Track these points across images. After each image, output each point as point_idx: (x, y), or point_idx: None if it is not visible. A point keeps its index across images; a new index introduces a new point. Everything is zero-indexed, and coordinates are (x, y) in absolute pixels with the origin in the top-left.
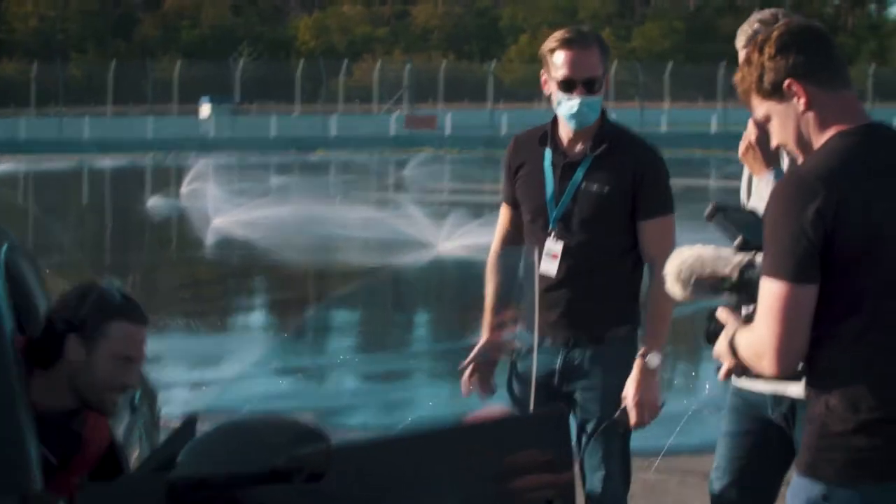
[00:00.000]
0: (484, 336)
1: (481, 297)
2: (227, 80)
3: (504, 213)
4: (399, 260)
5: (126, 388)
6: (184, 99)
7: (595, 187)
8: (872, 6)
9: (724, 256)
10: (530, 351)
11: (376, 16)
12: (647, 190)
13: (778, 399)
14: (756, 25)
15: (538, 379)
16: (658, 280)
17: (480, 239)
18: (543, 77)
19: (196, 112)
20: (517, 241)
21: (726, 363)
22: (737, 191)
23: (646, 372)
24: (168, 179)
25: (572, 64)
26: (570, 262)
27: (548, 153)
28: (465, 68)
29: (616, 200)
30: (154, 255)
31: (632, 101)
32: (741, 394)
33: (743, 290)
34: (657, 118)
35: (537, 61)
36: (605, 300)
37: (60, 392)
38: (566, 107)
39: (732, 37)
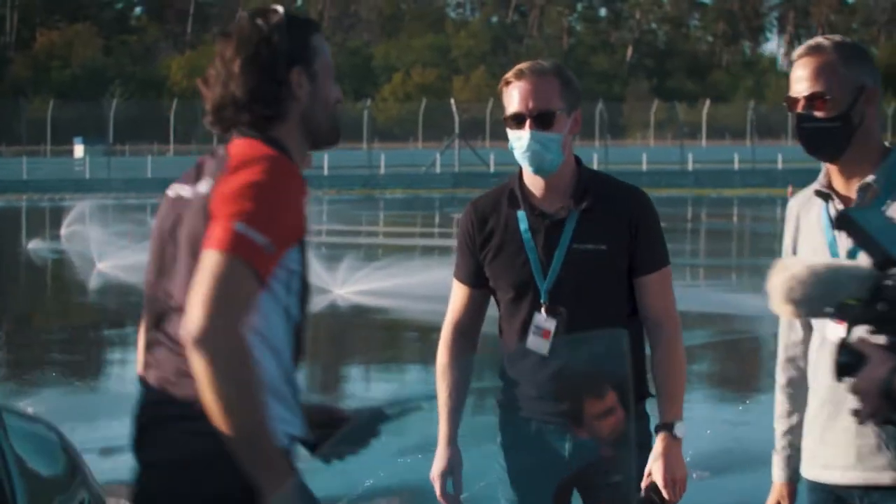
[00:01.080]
0: (442, 448)
1: (387, 346)
2: (100, 120)
3: (459, 293)
4: None
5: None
6: (57, 140)
7: (589, 247)
8: (746, 43)
9: (848, 271)
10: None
11: None
12: (646, 241)
13: (867, 490)
14: None
15: (547, 468)
16: (668, 338)
17: (379, 283)
18: (504, 121)
19: (70, 152)
20: (474, 327)
21: (871, 407)
22: None
23: (671, 444)
24: (45, 221)
25: (522, 95)
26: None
27: (522, 216)
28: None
29: (615, 259)
30: (38, 301)
31: (507, 140)
32: (824, 488)
33: (887, 318)
34: None
35: (411, 99)
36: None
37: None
38: (516, 146)
39: (607, 75)
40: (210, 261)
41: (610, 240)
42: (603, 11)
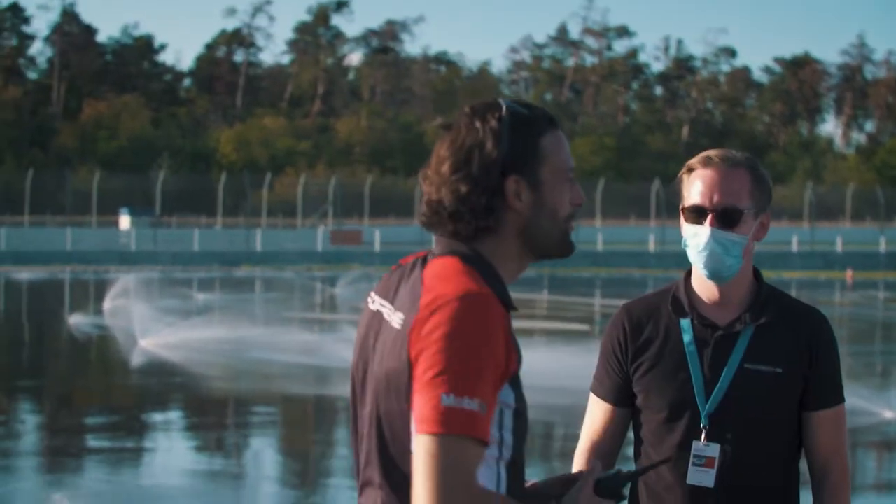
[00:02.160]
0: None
1: None
2: (147, 191)
3: (599, 412)
4: (339, 388)
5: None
6: (102, 210)
7: (763, 369)
8: (803, 124)
9: None
10: None
11: (298, 129)
12: (824, 370)
13: None
14: None
15: None
16: (835, 485)
17: None
18: (680, 214)
19: (115, 223)
20: (613, 452)
21: None
22: None
23: None
24: (89, 294)
25: (707, 186)
26: (730, 471)
27: (686, 326)
28: (389, 183)
29: (791, 386)
30: (77, 380)
31: None
32: None
33: None
34: (592, 236)
35: None
36: None
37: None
38: (691, 244)
39: (662, 154)
40: (427, 449)
41: (787, 363)
42: (659, 90)
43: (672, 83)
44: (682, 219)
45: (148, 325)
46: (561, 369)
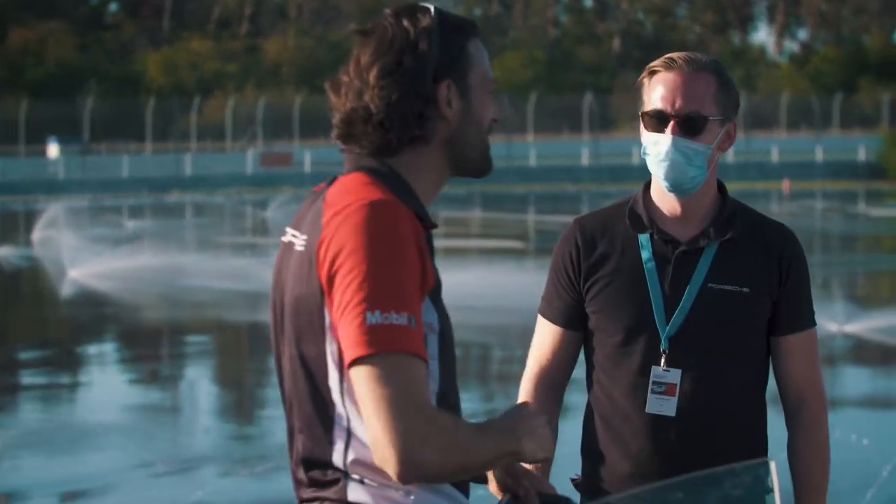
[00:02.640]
0: None
1: None
2: (75, 119)
3: (548, 335)
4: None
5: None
6: (30, 139)
7: (728, 288)
8: (735, 33)
9: None
10: None
11: (226, 51)
12: (795, 292)
13: None
14: None
15: None
16: (812, 419)
17: None
18: (641, 120)
19: (43, 153)
20: (562, 378)
21: None
22: None
23: None
24: (17, 225)
25: (669, 90)
26: (692, 400)
27: (644, 241)
28: (319, 103)
29: (756, 307)
30: (5, 312)
31: (494, 134)
32: None
33: None
34: (524, 151)
35: None
36: (740, 453)
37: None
38: (651, 153)
39: (593, 66)
40: (365, 376)
41: (754, 282)
42: (589, 2)
43: None
44: (641, 125)
45: (77, 254)
46: (496, 288)
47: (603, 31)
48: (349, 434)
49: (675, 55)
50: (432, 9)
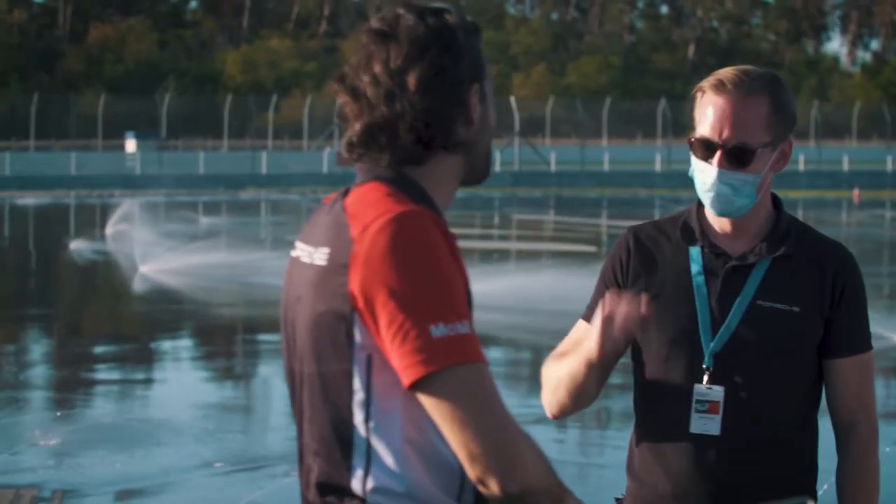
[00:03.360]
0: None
1: None
2: (153, 115)
3: (583, 335)
4: None
5: None
6: (108, 134)
7: (778, 306)
8: (808, 42)
9: None
10: None
11: (304, 50)
12: (850, 312)
13: None
14: None
15: None
16: (863, 444)
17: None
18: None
19: (121, 148)
20: (593, 391)
21: None
22: None
23: None
24: (93, 219)
25: (717, 117)
26: (737, 418)
27: (695, 254)
28: None
29: (807, 328)
30: (74, 306)
31: (568, 138)
32: None
33: None
34: (598, 155)
35: None
36: (786, 476)
37: None
38: (698, 180)
39: (668, 72)
40: (447, 391)
41: (806, 301)
42: (664, 9)
43: (677, 1)
44: (690, 149)
45: (150, 250)
46: (567, 292)
47: (678, 37)
48: (369, 460)
49: (725, 75)
50: (446, 7)
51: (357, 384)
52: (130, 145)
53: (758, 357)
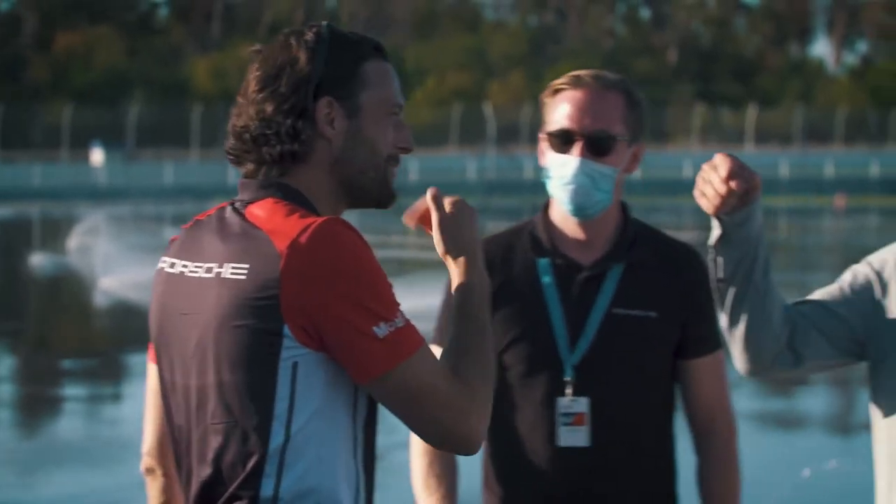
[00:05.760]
0: None
1: None
2: (120, 124)
3: None
4: None
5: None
6: (75, 145)
7: (634, 313)
8: (794, 45)
9: None
10: None
11: None
12: (701, 314)
13: None
14: None
15: None
16: (723, 444)
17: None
18: (541, 141)
19: (87, 158)
20: None
21: None
22: None
23: None
24: (56, 232)
25: (576, 108)
26: (604, 428)
27: (544, 266)
28: None
29: (664, 332)
30: (31, 321)
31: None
32: None
33: None
34: None
35: (445, 104)
36: (650, 482)
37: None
38: (555, 175)
39: (649, 78)
40: (394, 386)
41: (661, 306)
42: (645, 13)
43: (658, 5)
44: (544, 146)
45: (112, 263)
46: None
47: (659, 42)
48: (281, 468)
49: (581, 72)
50: (325, 26)
51: (279, 392)
52: (97, 156)
53: (619, 365)
